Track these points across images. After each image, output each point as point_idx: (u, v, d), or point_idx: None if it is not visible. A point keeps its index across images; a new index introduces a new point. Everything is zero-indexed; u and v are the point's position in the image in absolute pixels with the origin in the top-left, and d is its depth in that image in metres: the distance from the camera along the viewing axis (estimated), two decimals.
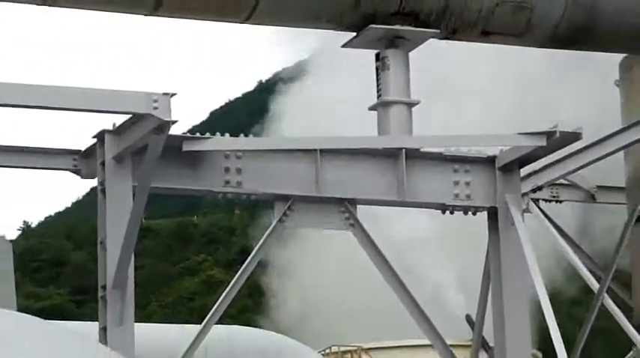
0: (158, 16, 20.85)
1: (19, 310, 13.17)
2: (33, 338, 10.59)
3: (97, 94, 18.44)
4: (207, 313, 21.16)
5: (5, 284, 15.56)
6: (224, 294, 20.78)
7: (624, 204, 29.01)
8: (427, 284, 22.06)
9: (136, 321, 19.55)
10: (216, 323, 21.37)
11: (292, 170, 20.34)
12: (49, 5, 20.26)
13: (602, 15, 21.49)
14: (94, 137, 19.34)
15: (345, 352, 39.42)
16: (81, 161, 19.80)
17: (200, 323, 21.20)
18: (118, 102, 18.38)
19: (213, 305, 21.10)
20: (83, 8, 20.81)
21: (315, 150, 20.56)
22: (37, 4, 20.62)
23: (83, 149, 19.76)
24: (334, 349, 41.75)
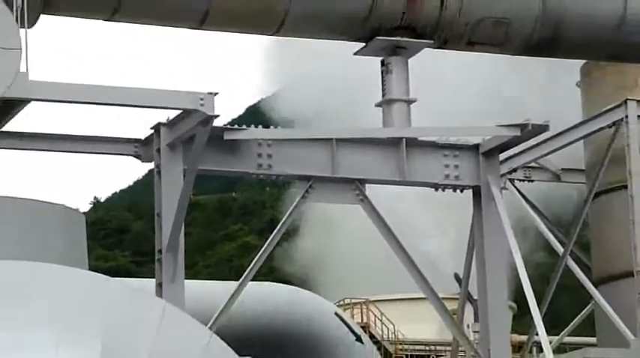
0: (204, 29, 20.74)
1: (90, 270, 13.27)
2: (101, 292, 11.22)
3: (154, 94, 18.96)
4: (244, 272, 21.38)
5: (79, 249, 15.44)
6: (257, 256, 20.83)
7: (584, 183, 29.21)
8: (423, 249, 22.17)
9: (185, 278, 19.89)
10: (251, 281, 21.35)
11: (312, 155, 20.49)
12: (114, 21, 20.33)
13: (566, 29, 21.61)
14: (151, 128, 19.72)
15: (355, 303, 38.03)
16: (141, 148, 20.13)
17: (238, 280, 21.45)
18: (171, 100, 18.84)
19: (249, 265, 21.20)
20: (143, 23, 21.22)
21: (332, 139, 20.64)
22: (104, 20, 21.08)
23: (143, 138, 20.14)
24: (347, 301, 40.22)
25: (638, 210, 26.04)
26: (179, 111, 19.13)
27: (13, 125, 17.80)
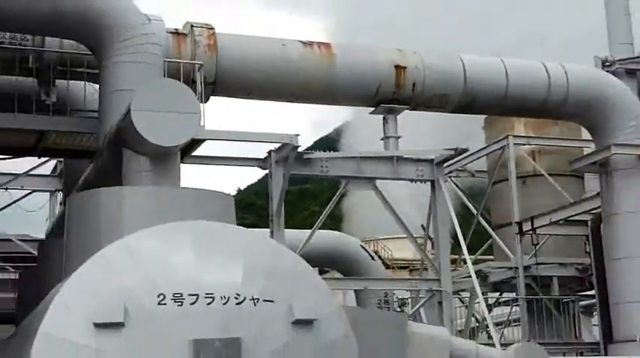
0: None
1: None
2: (244, 236, 11.31)
3: (268, 135, 20.11)
4: (313, 226, 23.00)
5: (231, 219, 13.45)
6: (320, 219, 22.55)
7: (486, 178, 30.48)
8: (408, 213, 23.10)
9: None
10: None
11: (348, 165, 21.19)
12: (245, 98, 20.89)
13: (479, 97, 21.27)
14: (267, 152, 20.42)
15: (370, 240, 36.09)
16: (261, 163, 21.03)
17: (310, 229, 22.99)
18: (277, 138, 19.85)
19: (316, 223, 22.87)
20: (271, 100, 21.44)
21: (357, 156, 21.54)
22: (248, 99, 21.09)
23: (263, 157, 20.76)
24: (366, 238, 37.22)
25: (514, 189, 27.17)
26: (281, 144, 19.76)
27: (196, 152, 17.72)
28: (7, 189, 21.78)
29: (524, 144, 28.22)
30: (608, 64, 25.73)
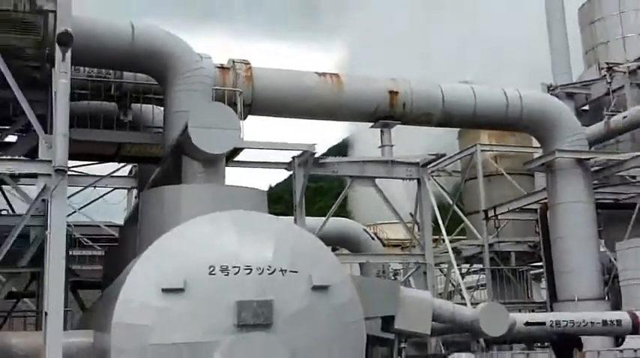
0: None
1: None
2: (274, 222, 11.93)
3: (290, 144, 19.66)
4: (326, 214, 22.32)
5: (264, 210, 13.67)
6: (333, 207, 22.00)
7: (459, 176, 30.14)
8: (401, 204, 22.86)
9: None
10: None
11: (354, 167, 20.79)
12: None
13: (455, 115, 20.89)
14: (291, 158, 19.90)
15: (370, 224, 35.63)
16: (287, 166, 20.31)
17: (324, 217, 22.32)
18: (300, 146, 19.46)
19: (328, 212, 22.24)
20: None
21: (360, 161, 21.20)
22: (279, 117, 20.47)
23: (288, 162, 20.11)
24: (367, 224, 35.71)
25: (481, 185, 26.93)
26: (302, 151, 19.38)
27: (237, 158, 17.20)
28: (95, 187, 21.48)
29: (488, 151, 28.14)
30: (552, 88, 26.55)
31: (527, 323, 16.13)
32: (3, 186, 18.68)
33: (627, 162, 22.18)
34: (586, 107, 27.34)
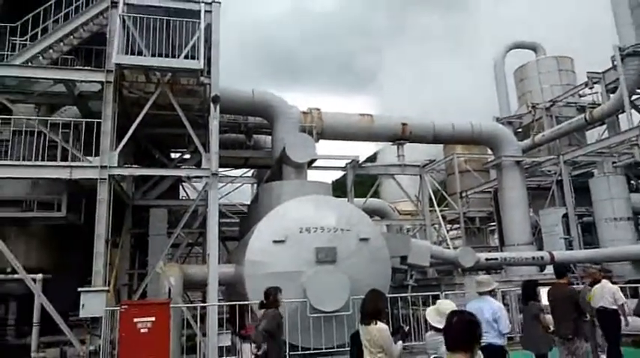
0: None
1: None
2: (339, 202, 11.60)
3: (344, 156, 17.95)
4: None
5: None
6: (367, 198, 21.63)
7: (444, 173, 28.55)
8: (408, 190, 20.22)
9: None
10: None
11: (381, 169, 19.77)
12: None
13: (442, 137, 19.00)
14: (345, 163, 18.24)
15: (391, 202, 30.61)
16: (343, 168, 18.75)
17: None
18: (349, 158, 18.13)
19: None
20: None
21: (385, 165, 20.13)
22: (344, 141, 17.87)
23: (343, 165, 18.42)
24: None
25: (457, 177, 24.94)
26: (351, 160, 17.82)
27: (314, 164, 15.00)
28: (232, 182, 21.69)
29: (461, 157, 26.99)
30: (499, 119, 25.51)
31: (487, 259, 15.96)
32: (183, 183, 18.84)
33: (544, 163, 21.49)
34: (520, 130, 26.22)
